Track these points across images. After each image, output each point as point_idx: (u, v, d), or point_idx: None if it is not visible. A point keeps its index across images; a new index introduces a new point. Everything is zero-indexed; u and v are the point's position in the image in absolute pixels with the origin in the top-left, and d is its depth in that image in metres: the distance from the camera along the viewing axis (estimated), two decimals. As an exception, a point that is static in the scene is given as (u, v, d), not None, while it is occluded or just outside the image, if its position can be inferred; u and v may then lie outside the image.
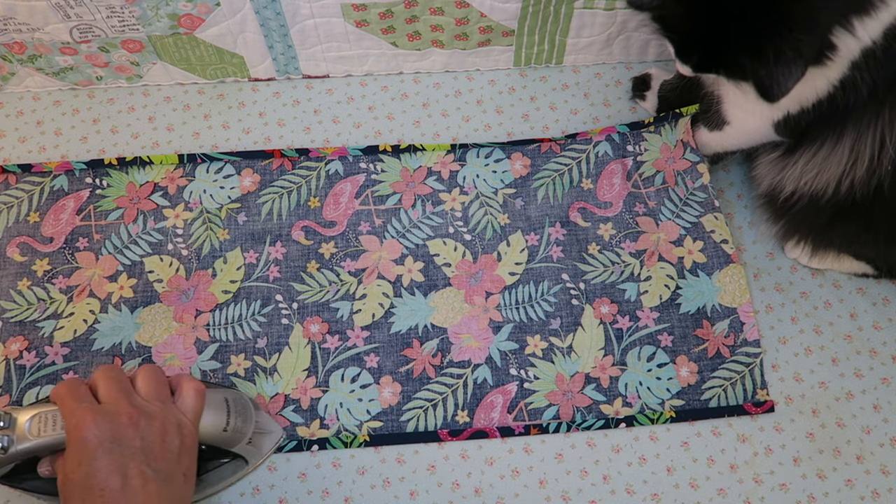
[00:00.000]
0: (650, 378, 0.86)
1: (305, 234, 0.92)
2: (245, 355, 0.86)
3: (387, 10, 0.90)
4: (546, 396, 0.85)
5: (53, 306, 0.88)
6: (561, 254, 0.91)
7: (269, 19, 0.90)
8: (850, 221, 0.79)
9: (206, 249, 0.91)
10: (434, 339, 0.87)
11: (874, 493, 0.82)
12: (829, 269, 0.91)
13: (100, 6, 0.86)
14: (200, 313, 0.88)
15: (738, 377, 0.86)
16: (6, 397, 0.84)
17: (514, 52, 0.99)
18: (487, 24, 0.93)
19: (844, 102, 0.66)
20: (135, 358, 0.86)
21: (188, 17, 0.89)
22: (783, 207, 0.82)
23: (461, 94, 1.00)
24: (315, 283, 0.89)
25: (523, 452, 0.83)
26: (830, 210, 0.77)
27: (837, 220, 0.79)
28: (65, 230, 0.91)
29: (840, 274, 0.91)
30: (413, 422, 0.84)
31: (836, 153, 0.70)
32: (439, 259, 0.90)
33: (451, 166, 0.95)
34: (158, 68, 0.97)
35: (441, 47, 0.97)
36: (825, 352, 0.88)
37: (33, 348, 0.86)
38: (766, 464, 0.83)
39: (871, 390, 0.86)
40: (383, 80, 1.01)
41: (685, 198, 0.93)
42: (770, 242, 0.93)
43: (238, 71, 0.98)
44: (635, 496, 0.82)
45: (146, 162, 0.94)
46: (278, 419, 0.84)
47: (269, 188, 0.93)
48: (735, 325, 0.88)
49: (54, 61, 0.94)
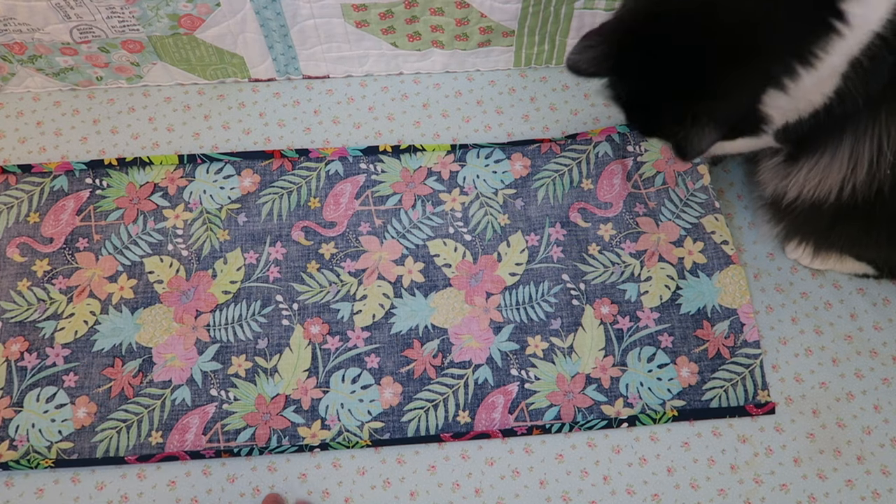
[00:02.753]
0: (651, 379, 0.86)
1: (305, 234, 0.91)
2: (246, 356, 0.86)
3: (387, 10, 0.90)
4: (547, 397, 0.85)
5: (53, 307, 0.88)
6: (561, 254, 0.91)
7: (269, 20, 0.90)
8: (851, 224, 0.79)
9: (206, 250, 0.90)
10: (435, 339, 0.87)
11: (874, 493, 0.82)
12: (831, 270, 0.91)
13: (100, 7, 0.86)
14: (201, 314, 0.88)
15: (738, 378, 0.86)
16: (6, 399, 0.84)
17: (515, 53, 0.99)
18: (487, 25, 0.93)
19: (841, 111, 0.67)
20: (135, 359, 0.86)
21: (188, 17, 0.89)
22: (785, 210, 0.82)
23: (461, 95, 1.00)
24: (315, 283, 0.89)
25: (524, 453, 0.83)
26: (832, 213, 0.77)
27: (839, 223, 0.79)
28: (65, 230, 0.91)
29: (840, 274, 0.91)
30: (414, 422, 0.84)
31: (836, 160, 0.70)
32: (439, 259, 0.90)
33: (452, 167, 0.95)
34: (158, 69, 0.97)
35: (441, 48, 0.97)
36: (825, 352, 0.88)
37: (34, 349, 0.86)
38: (767, 464, 0.83)
39: (872, 391, 0.86)
40: (383, 80, 1.01)
41: (686, 199, 0.93)
42: (770, 243, 0.93)
43: (238, 71, 0.98)
44: (636, 496, 0.82)
45: (146, 162, 0.94)
46: (279, 420, 0.84)
47: (269, 189, 0.93)
48: (735, 326, 0.88)
49: (54, 62, 0.94)
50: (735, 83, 0.64)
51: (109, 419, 0.83)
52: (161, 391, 0.85)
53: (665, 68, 0.65)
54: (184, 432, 0.83)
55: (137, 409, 0.84)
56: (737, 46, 0.62)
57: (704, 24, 0.63)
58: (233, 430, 0.83)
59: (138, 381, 0.85)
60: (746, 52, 0.63)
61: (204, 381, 0.85)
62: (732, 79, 0.64)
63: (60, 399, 0.84)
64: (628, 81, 0.69)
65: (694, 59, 0.64)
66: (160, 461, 0.82)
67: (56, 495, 0.81)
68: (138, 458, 0.82)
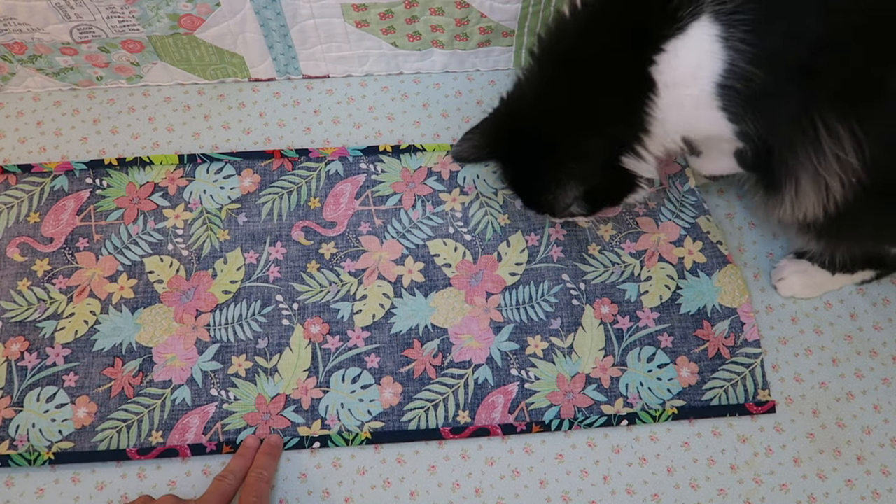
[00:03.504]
0: (651, 379, 0.86)
1: (305, 234, 0.91)
2: (246, 356, 0.86)
3: (387, 10, 0.90)
4: (547, 397, 0.85)
5: (53, 307, 0.88)
6: (561, 254, 0.91)
7: (269, 19, 0.90)
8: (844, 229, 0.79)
9: (206, 250, 0.90)
10: (435, 339, 0.87)
11: (874, 493, 0.82)
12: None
13: (100, 6, 0.86)
14: (201, 314, 0.88)
15: (738, 378, 0.86)
16: (7, 399, 0.84)
17: (515, 53, 0.99)
18: (488, 25, 0.93)
19: (767, 148, 0.71)
20: (135, 359, 0.86)
21: (188, 17, 0.89)
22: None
23: (461, 95, 1.00)
24: (315, 283, 0.89)
25: (524, 453, 0.84)
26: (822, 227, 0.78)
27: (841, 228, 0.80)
28: (65, 230, 0.91)
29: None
30: (414, 422, 0.84)
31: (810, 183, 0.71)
32: (440, 259, 0.90)
33: (452, 166, 0.95)
34: (159, 68, 0.97)
35: (441, 48, 0.97)
36: (825, 352, 0.88)
37: (34, 349, 0.86)
38: (767, 464, 0.83)
39: (872, 391, 0.86)
40: (383, 80, 1.01)
41: (680, 199, 0.93)
42: (770, 243, 0.93)
43: (238, 71, 0.98)
44: (635, 496, 0.82)
45: (146, 162, 0.94)
46: (279, 419, 0.84)
47: (270, 188, 0.93)
48: (735, 326, 0.88)
49: (54, 62, 0.94)
50: (582, 148, 0.74)
51: (110, 419, 0.84)
52: (161, 391, 0.85)
53: (529, 152, 0.77)
54: (184, 432, 0.83)
55: (137, 409, 0.84)
56: (577, 126, 0.73)
57: (552, 112, 0.74)
58: (233, 430, 0.83)
59: (138, 381, 0.85)
60: (588, 129, 0.73)
61: (204, 381, 0.85)
62: (581, 146, 0.74)
63: (60, 399, 0.84)
64: (506, 167, 0.82)
65: (550, 142, 0.75)
66: (161, 456, 0.82)
67: (56, 495, 0.81)
68: (139, 450, 0.82)
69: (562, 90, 0.74)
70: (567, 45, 0.73)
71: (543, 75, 0.75)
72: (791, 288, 0.88)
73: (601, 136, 0.74)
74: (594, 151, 0.74)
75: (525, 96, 0.78)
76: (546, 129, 0.75)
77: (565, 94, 0.73)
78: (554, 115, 0.74)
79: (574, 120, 0.73)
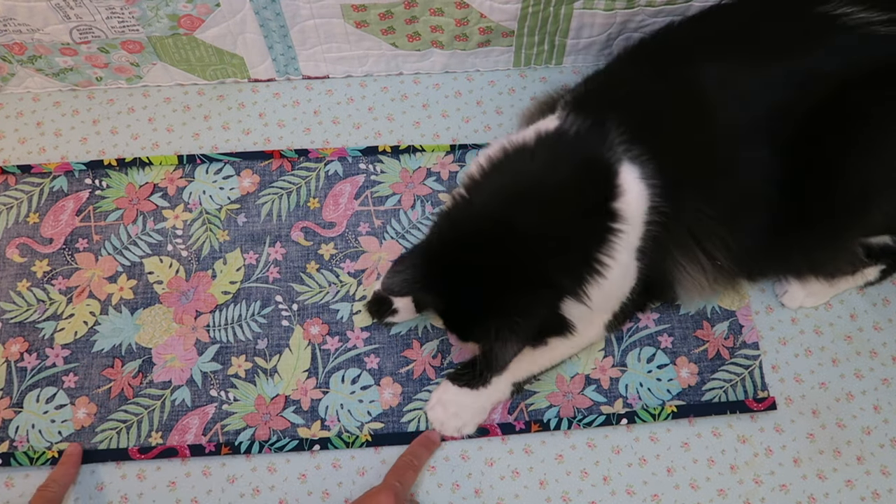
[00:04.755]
0: (650, 379, 0.86)
1: (305, 234, 0.91)
2: (245, 356, 0.86)
3: (387, 10, 0.90)
4: (547, 397, 0.85)
5: (53, 307, 0.88)
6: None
7: (268, 20, 0.90)
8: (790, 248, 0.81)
9: (205, 250, 0.90)
10: (434, 339, 0.87)
11: (874, 493, 0.82)
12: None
13: (100, 7, 0.86)
14: (200, 314, 0.88)
15: (738, 379, 0.86)
16: (6, 399, 0.84)
17: (514, 53, 0.99)
18: (487, 25, 0.93)
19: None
20: (135, 359, 0.86)
21: (188, 17, 0.89)
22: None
23: (461, 95, 1.00)
24: (315, 283, 0.89)
25: (523, 453, 0.83)
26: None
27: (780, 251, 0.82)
28: (64, 231, 0.91)
29: (840, 274, 0.91)
30: (414, 422, 0.84)
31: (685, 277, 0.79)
32: (439, 260, 0.90)
33: (451, 167, 0.95)
34: (158, 69, 0.97)
35: (441, 48, 0.97)
36: (825, 352, 0.88)
37: (34, 350, 0.86)
38: (767, 464, 0.83)
39: (872, 391, 0.86)
40: (383, 80, 1.01)
41: None
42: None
43: (238, 72, 0.98)
44: (635, 497, 0.82)
45: (146, 163, 0.94)
46: (279, 420, 0.84)
47: (269, 189, 0.93)
48: (734, 327, 0.88)
49: (54, 62, 0.94)
50: (530, 302, 0.69)
51: (109, 420, 0.84)
52: (161, 392, 0.85)
53: (469, 289, 0.70)
54: (184, 433, 0.83)
55: (137, 410, 0.84)
56: (527, 269, 0.68)
57: (499, 251, 0.68)
58: (233, 431, 0.83)
59: (138, 382, 0.85)
60: (536, 274, 0.69)
61: (204, 382, 0.85)
62: (528, 299, 0.69)
63: (60, 400, 0.84)
64: (440, 299, 0.74)
65: (493, 282, 0.69)
66: (161, 456, 0.82)
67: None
68: (139, 449, 0.82)
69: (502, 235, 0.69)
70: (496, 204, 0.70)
71: (479, 210, 0.71)
72: (796, 299, 0.88)
73: (551, 286, 0.70)
74: (541, 305, 0.70)
75: (461, 226, 0.72)
76: (494, 269, 0.69)
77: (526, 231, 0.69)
78: (506, 255, 0.69)
79: (525, 262, 0.69)
